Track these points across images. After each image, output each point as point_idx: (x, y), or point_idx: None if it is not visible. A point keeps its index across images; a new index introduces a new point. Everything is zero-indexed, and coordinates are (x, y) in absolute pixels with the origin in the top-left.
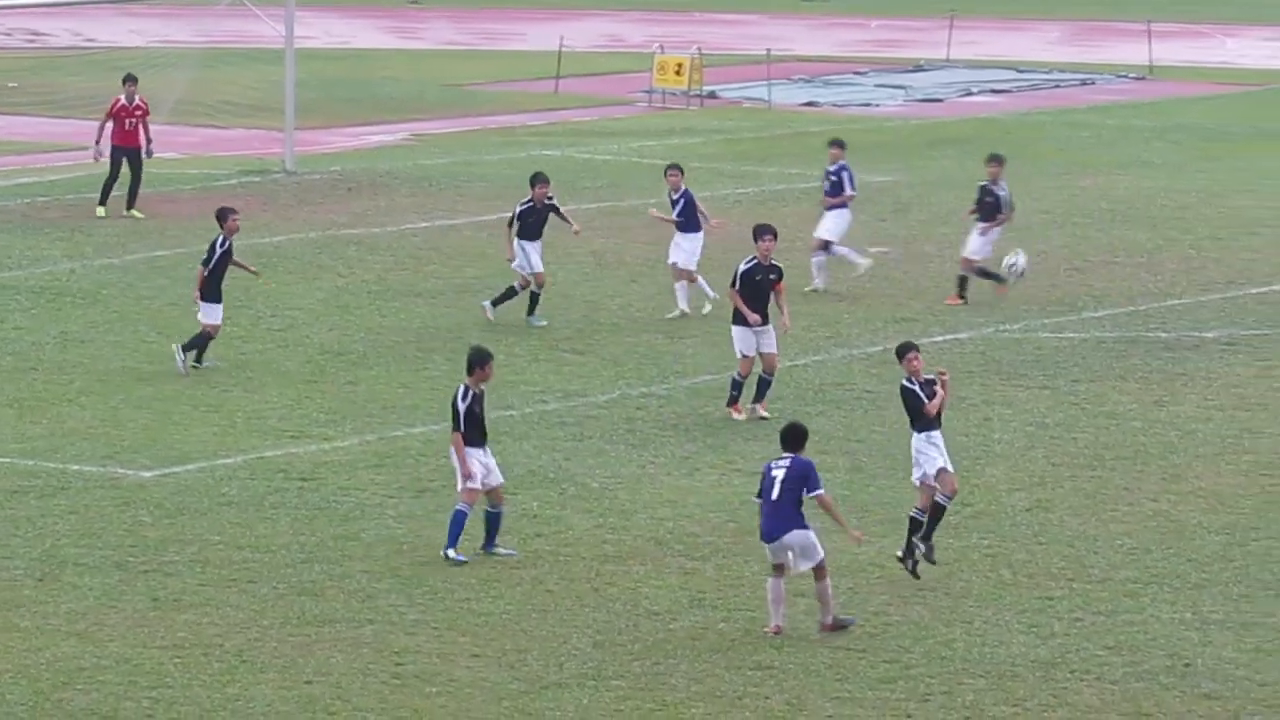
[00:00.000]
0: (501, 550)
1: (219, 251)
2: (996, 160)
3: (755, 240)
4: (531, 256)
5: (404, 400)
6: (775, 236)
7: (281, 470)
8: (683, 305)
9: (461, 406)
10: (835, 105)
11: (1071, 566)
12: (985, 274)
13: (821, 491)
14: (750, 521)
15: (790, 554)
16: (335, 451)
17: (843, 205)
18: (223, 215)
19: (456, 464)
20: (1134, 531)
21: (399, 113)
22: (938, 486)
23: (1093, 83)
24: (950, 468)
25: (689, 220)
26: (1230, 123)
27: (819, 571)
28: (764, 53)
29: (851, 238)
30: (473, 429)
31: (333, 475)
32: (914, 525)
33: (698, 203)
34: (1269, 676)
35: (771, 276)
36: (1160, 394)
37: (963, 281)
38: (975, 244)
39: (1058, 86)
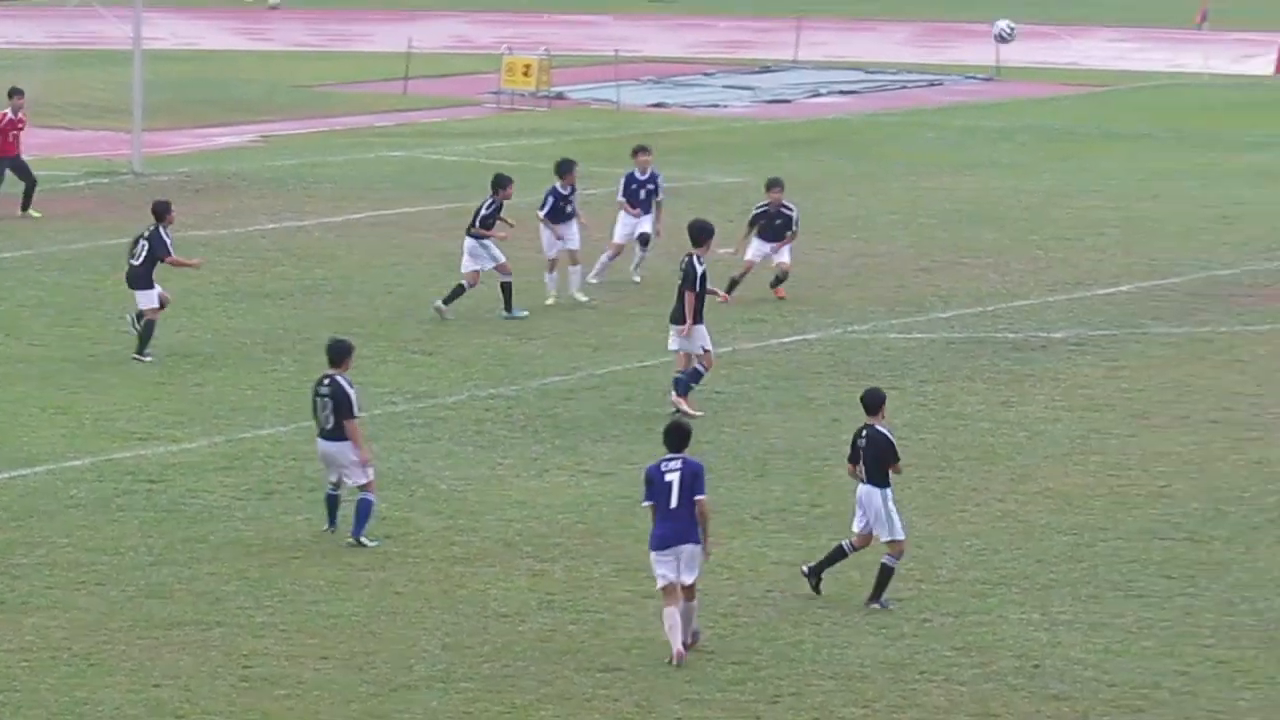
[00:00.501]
0: (368, 541)
1: (166, 241)
2: (779, 185)
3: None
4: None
5: (252, 402)
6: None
7: (130, 472)
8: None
9: (354, 393)
10: (683, 106)
11: (920, 567)
12: (735, 282)
13: (704, 497)
14: (599, 522)
15: (677, 564)
16: (183, 453)
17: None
18: (164, 209)
19: (355, 453)
20: (982, 532)
21: (248, 114)
22: (888, 548)
23: (940, 84)
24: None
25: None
26: (1077, 123)
27: (691, 590)
28: (612, 54)
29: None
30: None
31: (181, 477)
32: (838, 554)
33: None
34: (1117, 677)
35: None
36: (1008, 395)
37: (734, 283)
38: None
39: (905, 87)
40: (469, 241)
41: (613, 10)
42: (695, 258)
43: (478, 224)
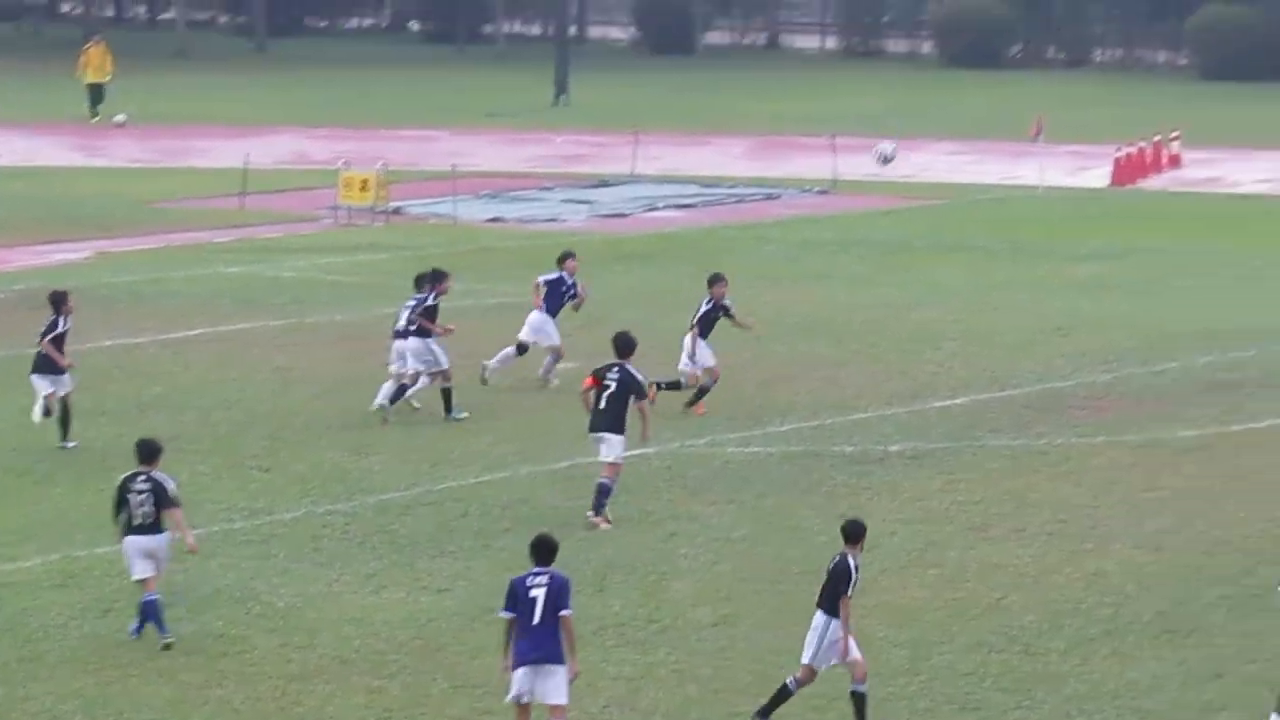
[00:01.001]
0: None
1: (61, 330)
2: (722, 280)
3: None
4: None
5: (88, 519)
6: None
7: None
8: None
9: (172, 484)
10: (521, 220)
11: (758, 682)
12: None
13: (569, 613)
14: (437, 638)
15: (535, 686)
16: (19, 572)
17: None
18: (61, 299)
19: (172, 543)
20: None
21: (85, 230)
22: (852, 672)
23: (777, 197)
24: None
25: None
26: (913, 235)
27: (561, 712)
28: (449, 168)
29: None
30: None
31: (15, 596)
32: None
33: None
34: None
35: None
36: (845, 507)
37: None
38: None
39: (742, 201)
40: (414, 342)
41: (449, 125)
42: (624, 367)
43: (421, 318)
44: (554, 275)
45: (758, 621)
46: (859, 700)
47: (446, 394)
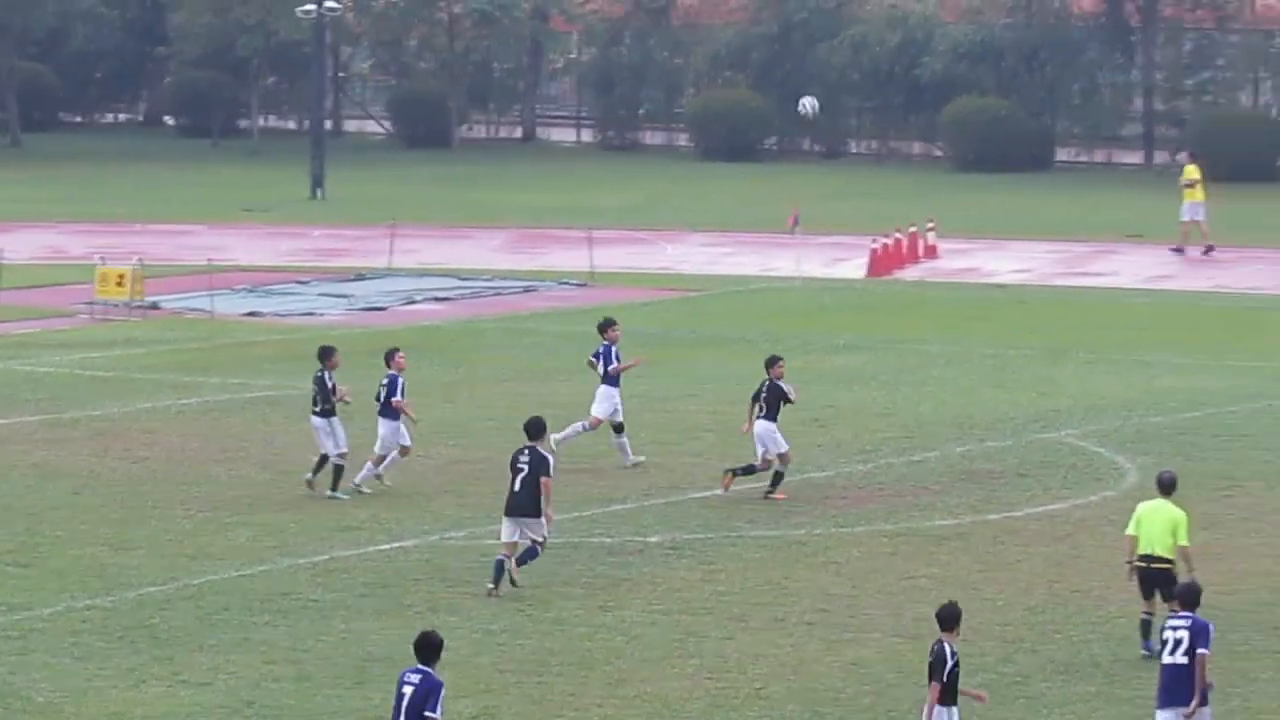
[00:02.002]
0: None
1: None
2: (779, 361)
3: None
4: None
5: None
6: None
7: None
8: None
9: None
10: (278, 314)
11: None
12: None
13: (436, 715)
14: None
15: None
16: None
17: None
18: None
19: None
20: None
21: None
22: None
23: (535, 289)
24: None
25: (770, 411)
26: (672, 327)
27: None
28: (205, 262)
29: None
30: None
31: None
32: None
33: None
34: None
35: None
36: (605, 599)
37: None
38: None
39: (500, 294)
40: (318, 421)
41: (205, 220)
42: (535, 449)
43: (333, 395)
44: (601, 348)
45: (518, 713)
46: None
47: (338, 471)
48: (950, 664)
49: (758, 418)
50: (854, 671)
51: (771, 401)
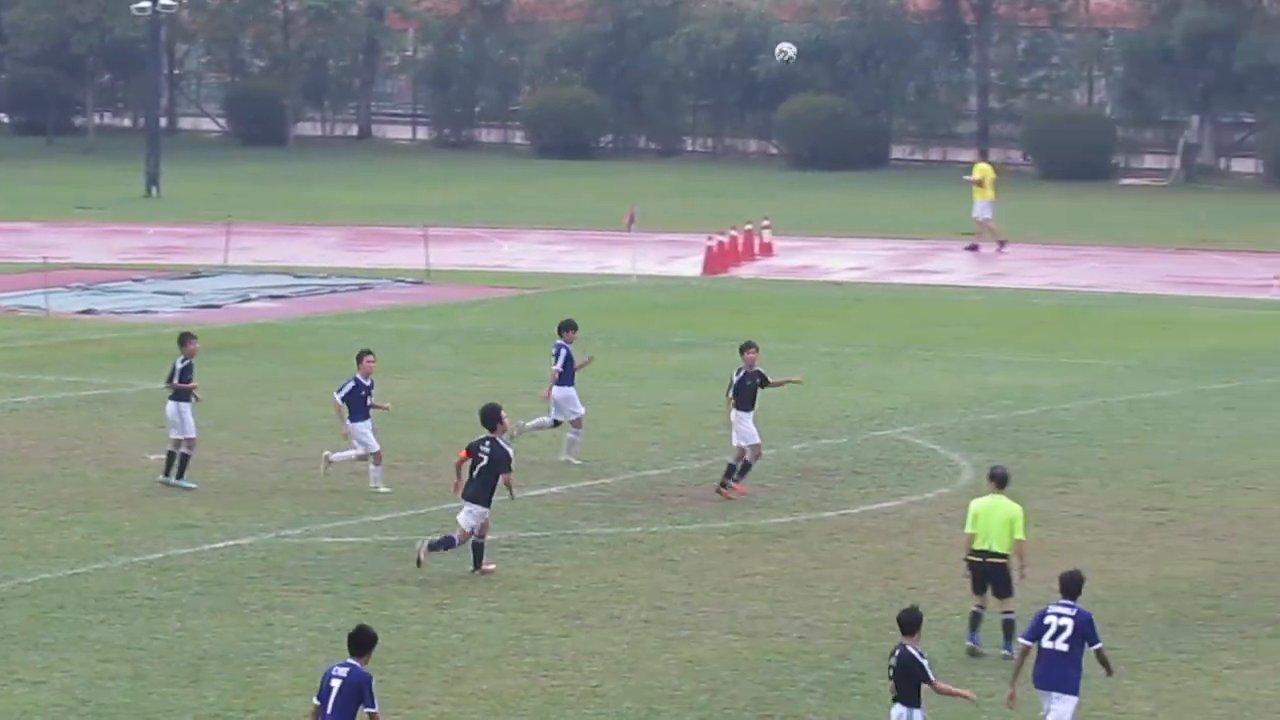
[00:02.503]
0: None
1: None
2: (754, 346)
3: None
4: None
5: None
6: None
7: None
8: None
9: None
10: (113, 312)
11: None
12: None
13: (375, 710)
14: None
15: None
16: None
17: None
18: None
19: None
20: None
21: None
22: None
23: (371, 287)
24: None
25: (742, 401)
26: (507, 325)
27: None
28: (40, 260)
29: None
30: None
31: None
32: None
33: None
34: None
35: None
36: (441, 597)
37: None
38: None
39: (335, 291)
40: (171, 406)
41: (40, 218)
42: (496, 441)
43: (177, 380)
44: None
45: None
46: None
47: (184, 460)
48: (925, 665)
49: (734, 410)
50: (690, 669)
51: (743, 393)
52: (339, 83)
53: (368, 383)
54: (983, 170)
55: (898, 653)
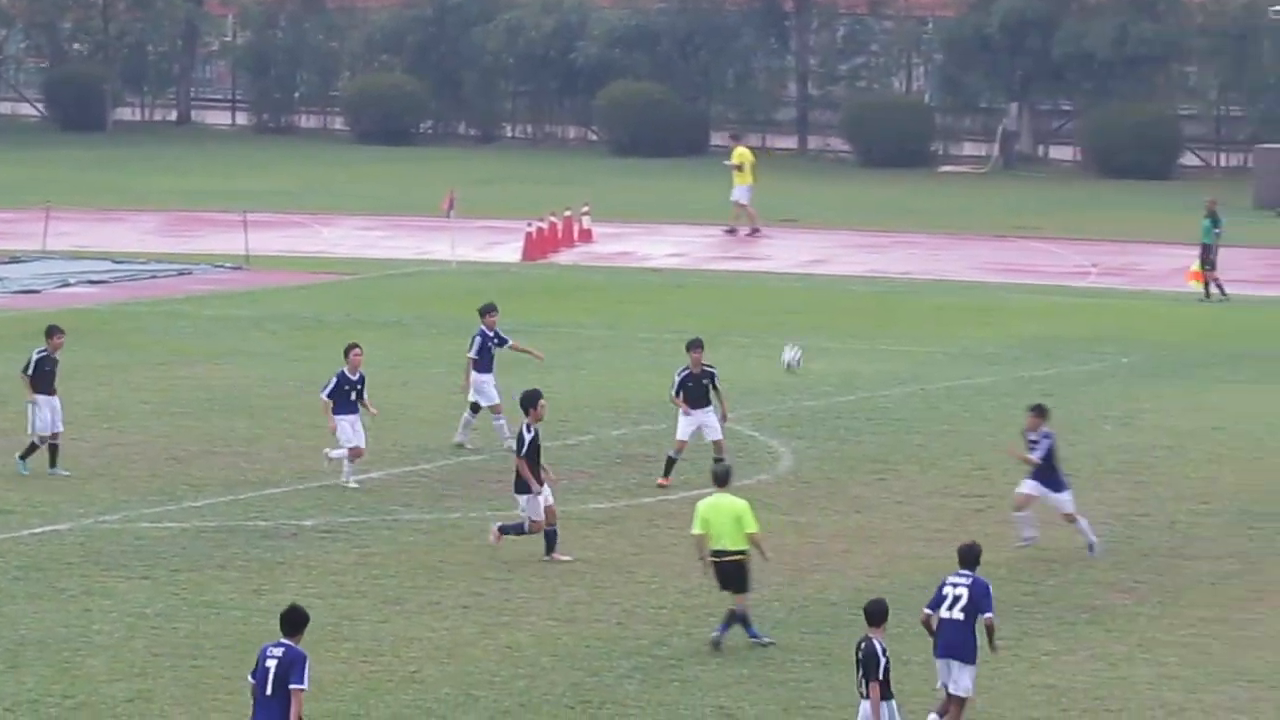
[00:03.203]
0: None
1: None
2: (699, 345)
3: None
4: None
5: None
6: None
7: None
8: None
9: None
10: None
11: None
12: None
13: (302, 688)
14: None
15: None
16: None
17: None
18: None
19: None
20: None
21: None
22: None
23: (190, 272)
24: None
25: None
26: (326, 311)
27: None
28: None
29: None
30: None
31: None
32: None
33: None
34: None
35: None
36: (260, 582)
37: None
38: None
39: (155, 277)
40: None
41: None
42: (526, 425)
43: (31, 371)
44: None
45: (173, 697)
46: None
47: (53, 450)
48: (884, 660)
49: (693, 410)
50: (509, 655)
51: (695, 393)
52: (158, 68)
53: (354, 377)
54: (741, 155)
55: (863, 645)
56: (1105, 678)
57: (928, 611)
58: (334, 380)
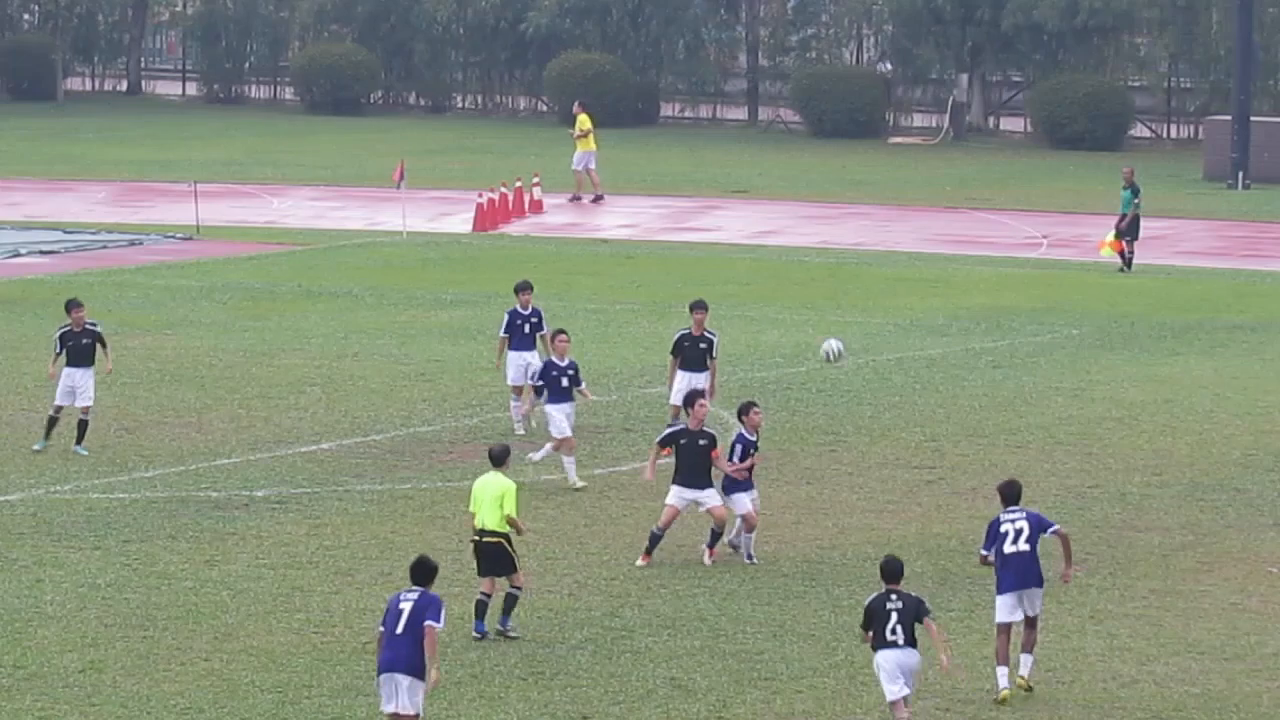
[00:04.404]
0: None
1: None
2: (703, 306)
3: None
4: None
5: None
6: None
7: None
8: None
9: None
10: None
11: None
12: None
13: (436, 624)
14: None
15: (395, 691)
16: None
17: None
18: None
19: None
20: (186, 691)
21: None
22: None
23: (140, 243)
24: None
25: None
26: (277, 281)
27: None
28: None
29: None
30: None
31: None
32: None
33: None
34: None
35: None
36: (211, 553)
37: None
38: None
39: (105, 247)
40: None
41: None
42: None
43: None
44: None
45: (125, 668)
46: None
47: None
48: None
49: (686, 372)
50: (460, 626)
51: (692, 354)
52: (109, 38)
53: (564, 363)
54: (583, 122)
55: (898, 597)
56: (1057, 649)
57: (985, 552)
58: (541, 366)
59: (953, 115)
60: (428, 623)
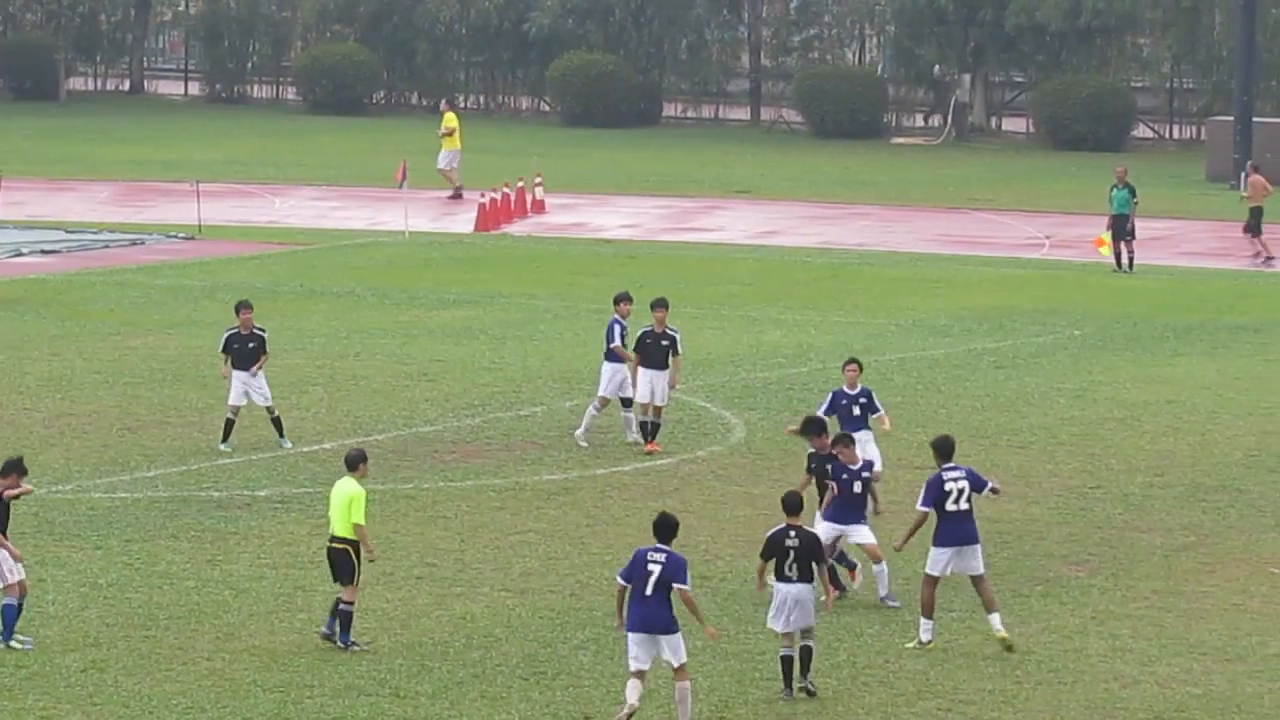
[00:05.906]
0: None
1: None
2: (664, 305)
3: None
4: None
5: None
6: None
7: None
8: None
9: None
10: None
11: None
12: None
13: (686, 587)
14: None
15: (653, 648)
16: None
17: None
18: None
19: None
20: (188, 690)
21: None
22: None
23: (142, 243)
24: None
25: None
26: (279, 281)
27: (682, 672)
28: None
29: None
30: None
31: None
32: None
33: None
34: None
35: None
36: (213, 553)
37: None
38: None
39: (108, 246)
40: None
41: None
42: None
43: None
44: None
45: (127, 667)
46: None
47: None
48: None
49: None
50: (462, 626)
51: (652, 352)
52: (111, 38)
53: (854, 392)
54: (450, 120)
55: (797, 535)
56: (1059, 650)
57: (925, 509)
58: (828, 398)
59: (955, 115)
60: (677, 586)
